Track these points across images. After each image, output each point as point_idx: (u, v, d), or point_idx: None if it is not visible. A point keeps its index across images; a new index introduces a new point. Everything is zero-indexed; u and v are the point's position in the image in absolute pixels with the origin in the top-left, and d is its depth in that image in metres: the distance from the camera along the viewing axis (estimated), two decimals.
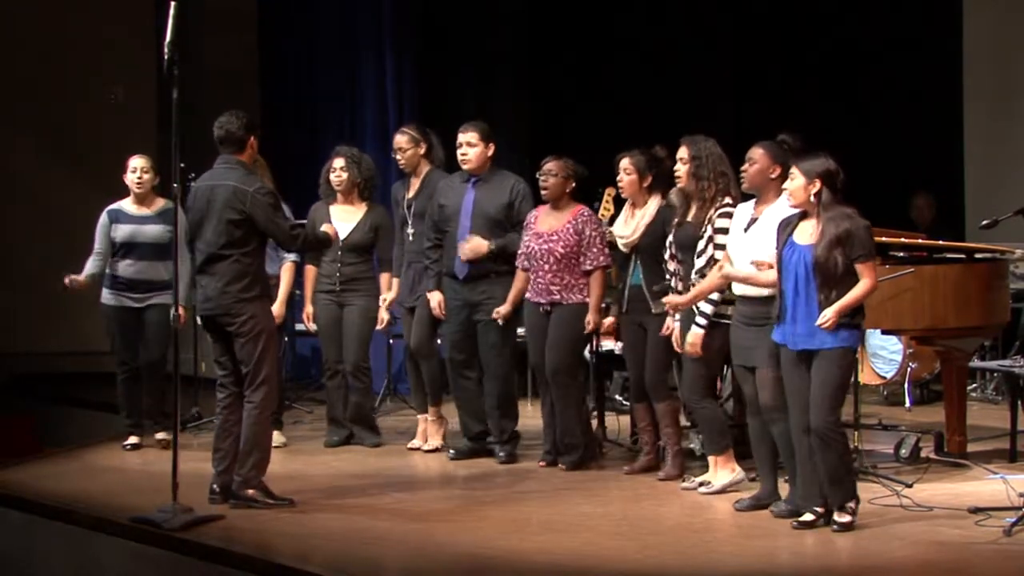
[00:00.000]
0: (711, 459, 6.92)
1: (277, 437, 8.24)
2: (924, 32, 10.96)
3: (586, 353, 7.98)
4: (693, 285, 6.69)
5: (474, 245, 7.65)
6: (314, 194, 8.58)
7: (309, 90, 11.32)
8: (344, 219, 8.30)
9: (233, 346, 6.64)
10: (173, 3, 6.33)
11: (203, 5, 11.21)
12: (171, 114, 6.41)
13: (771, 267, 6.17)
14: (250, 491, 6.61)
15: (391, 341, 9.98)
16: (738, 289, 6.41)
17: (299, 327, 9.33)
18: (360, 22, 11.09)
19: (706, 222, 6.70)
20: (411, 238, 8.15)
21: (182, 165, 6.61)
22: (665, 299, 6.79)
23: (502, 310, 7.61)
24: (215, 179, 6.65)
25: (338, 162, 8.37)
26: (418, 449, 8.22)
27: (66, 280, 8.22)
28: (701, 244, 6.69)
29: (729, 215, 6.63)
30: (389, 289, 8.29)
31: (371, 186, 8.42)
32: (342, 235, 8.26)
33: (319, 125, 11.13)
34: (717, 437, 6.83)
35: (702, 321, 6.62)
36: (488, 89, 10.96)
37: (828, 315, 5.91)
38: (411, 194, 8.19)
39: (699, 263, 6.69)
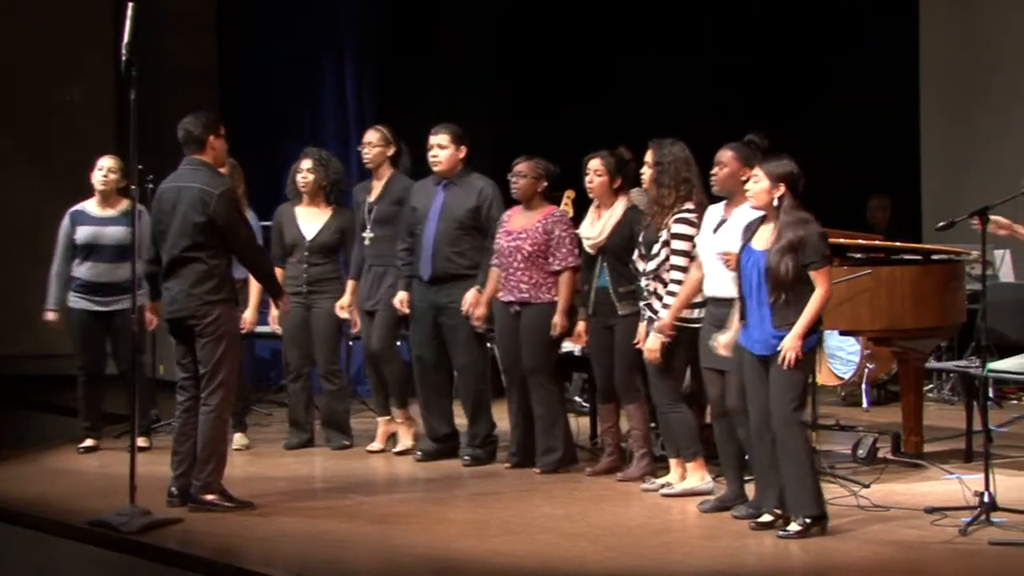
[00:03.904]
0: (673, 461, 6.94)
1: (240, 439, 8.24)
2: (881, 37, 11.04)
3: None
4: (647, 287, 6.71)
5: (471, 302, 7.65)
6: (275, 196, 8.55)
7: (269, 91, 11.27)
8: (310, 220, 8.30)
9: (195, 348, 6.62)
10: (131, 4, 6.31)
11: (162, 6, 11.14)
12: (129, 115, 6.38)
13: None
14: (209, 496, 6.58)
15: (350, 343, 9.96)
16: (709, 291, 6.43)
17: (260, 329, 9.30)
18: (319, 23, 11.07)
19: (663, 227, 6.73)
20: (368, 242, 8.14)
21: (140, 167, 6.59)
22: (655, 328, 6.69)
23: (478, 312, 7.62)
24: (181, 180, 6.62)
25: (305, 163, 8.34)
26: (379, 452, 8.21)
27: (47, 319, 8.24)
28: (655, 247, 6.72)
29: (688, 221, 6.65)
30: (352, 292, 8.28)
31: (338, 189, 8.38)
32: (308, 236, 8.27)
33: (279, 127, 11.08)
34: (689, 442, 6.83)
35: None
36: (452, 91, 10.94)
37: (787, 344, 5.88)
38: (372, 197, 8.18)
39: (650, 266, 6.71)
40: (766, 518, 6.11)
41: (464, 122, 8.04)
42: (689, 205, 6.72)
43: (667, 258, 6.68)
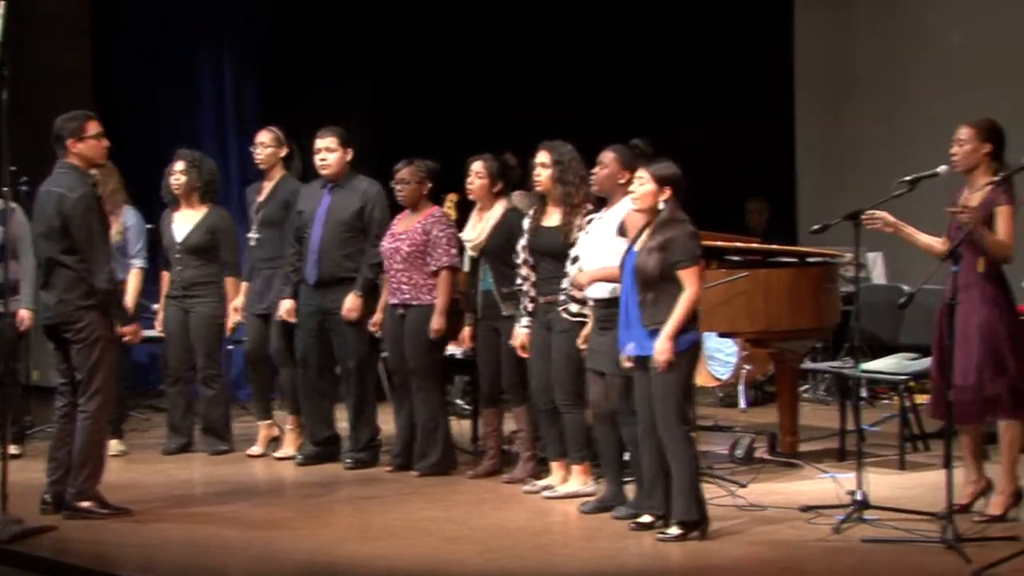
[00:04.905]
0: (555, 464, 6.97)
1: (117, 445, 8.12)
2: (758, 42, 11.21)
3: None
4: (567, 291, 6.65)
5: (349, 307, 7.61)
6: (152, 198, 8.44)
7: (145, 92, 11.12)
8: (183, 223, 8.23)
9: (71, 354, 6.51)
10: (2, 3, 6.18)
11: (34, 6, 10.93)
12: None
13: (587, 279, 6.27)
14: (85, 503, 6.48)
15: (230, 347, 9.85)
16: (590, 292, 6.44)
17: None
18: (196, 23, 10.94)
19: (575, 229, 6.69)
20: (253, 243, 8.08)
21: (13, 168, 6.47)
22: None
23: (375, 318, 7.59)
24: (50, 184, 6.53)
25: (178, 165, 8.25)
26: (260, 456, 8.14)
27: None
28: (574, 251, 6.65)
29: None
30: (236, 293, 8.19)
31: (212, 189, 8.31)
32: (179, 239, 8.18)
33: (155, 128, 10.93)
34: (580, 446, 6.84)
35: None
36: (333, 93, 10.89)
37: (659, 347, 5.87)
38: (261, 198, 8.11)
39: (573, 269, 6.63)
40: (646, 519, 6.15)
41: (346, 122, 8.02)
42: (590, 205, 6.72)
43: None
